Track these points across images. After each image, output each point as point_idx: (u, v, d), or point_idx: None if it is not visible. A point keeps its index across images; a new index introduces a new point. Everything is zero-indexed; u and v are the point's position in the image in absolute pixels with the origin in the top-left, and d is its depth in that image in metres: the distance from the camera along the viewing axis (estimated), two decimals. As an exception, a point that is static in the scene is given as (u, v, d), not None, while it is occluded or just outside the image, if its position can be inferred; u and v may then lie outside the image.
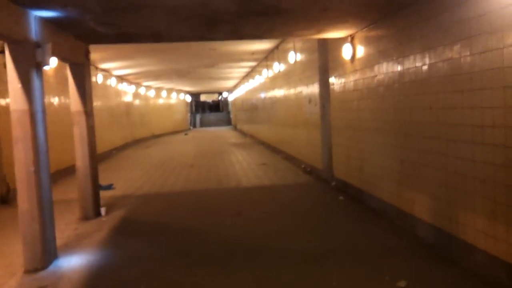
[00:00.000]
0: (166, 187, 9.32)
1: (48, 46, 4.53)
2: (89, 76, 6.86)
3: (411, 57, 5.35)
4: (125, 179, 10.60)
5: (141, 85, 26.33)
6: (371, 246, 5.02)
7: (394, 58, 5.79)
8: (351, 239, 5.31)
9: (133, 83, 23.95)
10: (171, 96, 34.03)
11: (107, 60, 15.72)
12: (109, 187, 9.46)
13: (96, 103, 16.30)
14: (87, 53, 6.77)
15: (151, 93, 28.90)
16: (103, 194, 8.46)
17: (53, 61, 6.12)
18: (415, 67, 5.27)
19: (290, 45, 12.01)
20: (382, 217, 6.17)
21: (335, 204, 7.20)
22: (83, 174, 6.69)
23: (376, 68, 6.38)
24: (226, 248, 5.16)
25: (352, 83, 7.42)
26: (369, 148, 6.83)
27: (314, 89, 9.98)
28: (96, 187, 6.99)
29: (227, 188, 8.95)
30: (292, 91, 12.45)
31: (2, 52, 4.61)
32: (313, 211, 6.82)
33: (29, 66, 4.42)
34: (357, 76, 7.16)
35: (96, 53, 13.93)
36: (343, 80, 7.88)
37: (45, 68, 4.68)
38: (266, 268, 4.46)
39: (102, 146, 16.61)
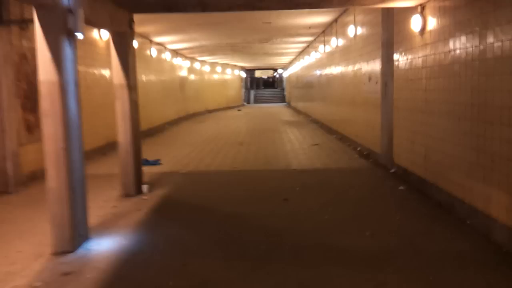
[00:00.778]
0: (213, 165, 8.94)
1: (81, 12, 4.12)
2: (133, 47, 6.48)
3: (497, 29, 4.46)
4: (173, 155, 10.35)
5: (196, 60, 26.16)
6: (437, 250, 4.30)
7: (475, 31, 4.90)
8: (413, 240, 4.61)
9: (188, 58, 23.79)
10: (225, 71, 33.75)
11: (161, 33, 15.49)
12: (155, 162, 9.22)
13: (150, 77, 16.23)
14: (130, 22, 6.37)
15: (206, 68, 28.71)
16: (149, 169, 8.24)
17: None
18: (501, 41, 4.38)
19: (350, 18, 11.09)
20: (450, 214, 5.39)
21: (395, 194, 6.46)
22: (125, 150, 6.39)
23: (451, 42, 5.49)
24: (270, 241, 4.63)
25: (420, 60, 6.54)
26: (437, 134, 5.99)
27: (375, 65, 9.11)
28: (139, 164, 6.69)
29: (275, 170, 8.42)
30: (350, 68, 11.57)
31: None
32: (369, 201, 6.14)
33: (59, 34, 4.04)
34: (427, 51, 6.27)
35: (150, 25, 13.70)
36: (409, 56, 6.99)
37: (79, 36, 4.29)
38: (312, 269, 3.90)
39: (155, 120, 16.60)
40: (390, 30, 8.02)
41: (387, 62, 8.26)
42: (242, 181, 7.51)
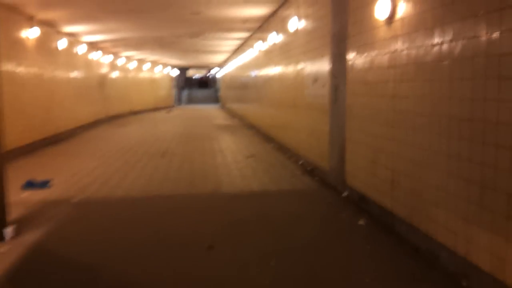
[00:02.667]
0: (121, 188, 6.93)
1: None
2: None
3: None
4: (74, 171, 8.20)
5: (120, 56, 23.63)
6: None
7: (475, 15, 3.44)
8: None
9: (110, 53, 21.27)
10: (154, 69, 31.30)
11: (71, 22, 13.09)
12: (43, 184, 7.06)
13: (57, 73, 13.78)
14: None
15: (132, 64, 26.20)
16: (31, 195, 6.19)
17: None
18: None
19: (291, 10, 9.56)
20: (435, 268, 3.91)
21: (355, 234, 4.90)
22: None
23: (437, 32, 4.01)
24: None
25: (386, 57, 5.06)
26: (412, 154, 4.51)
27: (322, 65, 7.60)
28: (-3, 196, 4.60)
29: (200, 195, 6.60)
30: (291, 68, 10.04)
31: None
32: (324, 247, 4.52)
33: None
34: (397, 45, 4.79)
35: (54, 11, 11.31)
36: (370, 52, 5.50)
37: None
38: None
39: (63, 123, 14.11)
40: (343, 21, 6.51)
41: (338, 60, 6.76)
42: (153, 216, 5.59)
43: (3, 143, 4.68)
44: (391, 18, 4.89)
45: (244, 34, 16.31)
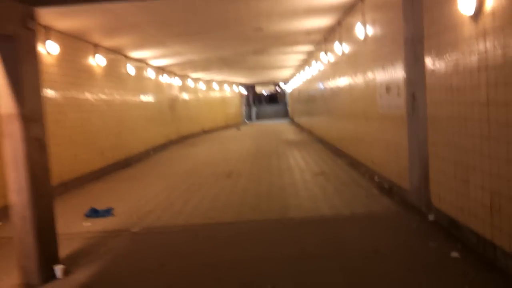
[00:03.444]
0: (183, 215, 6.59)
1: None
2: (34, 56, 4.24)
3: None
4: (137, 197, 8.05)
5: (189, 77, 24.05)
6: None
7: None
8: None
9: (178, 75, 21.68)
10: (223, 88, 31.63)
11: (136, 47, 13.35)
12: (106, 213, 6.93)
13: (127, 98, 14.09)
14: (26, 18, 4.14)
15: (201, 85, 26.59)
16: (92, 226, 6.01)
17: None
18: None
19: (357, 17, 8.87)
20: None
21: (448, 268, 4.09)
22: (21, 217, 4.11)
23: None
24: None
25: (475, 58, 4.25)
26: (517, 174, 3.66)
27: (395, 72, 6.83)
28: (47, 235, 4.38)
29: (265, 222, 6.04)
30: (360, 78, 9.30)
31: None
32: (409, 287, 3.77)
33: None
34: (488, 43, 3.98)
35: (119, 38, 11.56)
36: (454, 53, 4.70)
37: None
38: None
39: (134, 147, 14.36)
40: (417, 21, 5.74)
41: (415, 65, 5.98)
42: (213, 249, 5.08)
43: (45, 188, 4.43)
44: (478, 12, 4.09)
45: (308, 47, 15.75)
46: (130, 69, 14.13)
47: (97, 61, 11.55)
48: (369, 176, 8.65)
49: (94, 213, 6.86)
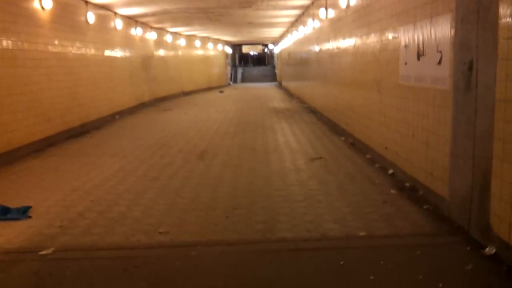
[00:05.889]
0: (123, 225, 4.56)
1: None
2: None
3: None
4: (73, 186, 5.99)
5: (167, 32, 21.51)
6: None
7: None
8: None
9: (154, 29, 19.17)
10: (206, 46, 29.07)
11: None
12: (18, 214, 4.88)
13: (85, 51, 11.76)
14: None
15: (181, 42, 24.05)
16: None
17: None
18: None
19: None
20: None
21: None
22: None
23: None
24: None
25: None
26: None
27: (437, 29, 4.77)
28: None
29: (241, 246, 4.04)
30: (373, 38, 7.21)
31: None
32: None
33: None
34: None
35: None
36: None
37: None
38: None
39: (94, 110, 12.15)
40: None
41: (476, 19, 3.93)
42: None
43: None
44: None
45: (305, 1, 13.46)
46: (90, 17, 11.72)
47: (43, 4, 9.17)
48: (380, 165, 6.73)
49: (1, 214, 4.82)
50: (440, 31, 4.69)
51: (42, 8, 9.18)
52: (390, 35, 6.40)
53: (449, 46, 4.51)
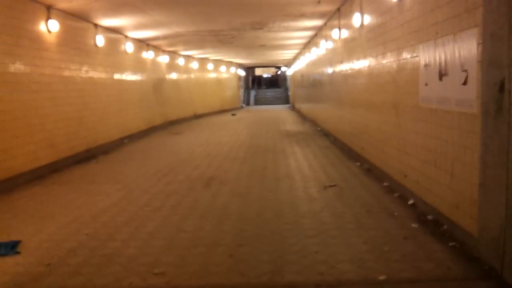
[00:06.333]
0: (116, 264, 4.14)
1: None
2: None
3: None
4: (70, 217, 5.61)
5: (179, 55, 21.44)
6: None
7: None
8: None
9: (166, 52, 19.09)
10: (219, 69, 28.98)
11: (107, 15, 10.79)
12: (6, 249, 4.50)
13: (94, 75, 11.59)
14: None
15: (193, 65, 23.98)
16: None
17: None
18: None
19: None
20: None
21: None
22: None
23: None
24: None
25: None
26: None
27: (461, 46, 4.34)
28: None
29: (249, 286, 3.63)
30: (389, 58, 6.81)
31: None
32: None
33: None
34: None
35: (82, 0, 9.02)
36: None
37: None
38: None
39: (104, 135, 11.91)
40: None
41: (506, 35, 3.50)
42: None
43: None
44: None
45: (316, 22, 13.17)
46: (99, 40, 11.58)
47: (49, 27, 9.02)
48: (399, 195, 6.23)
49: (-12, 249, 4.45)
50: (465, 48, 4.26)
51: (48, 31, 9.01)
52: (408, 54, 5.99)
53: (475, 64, 4.07)
